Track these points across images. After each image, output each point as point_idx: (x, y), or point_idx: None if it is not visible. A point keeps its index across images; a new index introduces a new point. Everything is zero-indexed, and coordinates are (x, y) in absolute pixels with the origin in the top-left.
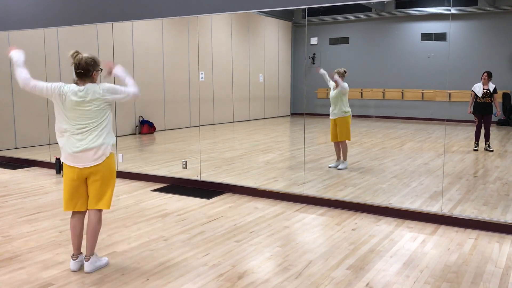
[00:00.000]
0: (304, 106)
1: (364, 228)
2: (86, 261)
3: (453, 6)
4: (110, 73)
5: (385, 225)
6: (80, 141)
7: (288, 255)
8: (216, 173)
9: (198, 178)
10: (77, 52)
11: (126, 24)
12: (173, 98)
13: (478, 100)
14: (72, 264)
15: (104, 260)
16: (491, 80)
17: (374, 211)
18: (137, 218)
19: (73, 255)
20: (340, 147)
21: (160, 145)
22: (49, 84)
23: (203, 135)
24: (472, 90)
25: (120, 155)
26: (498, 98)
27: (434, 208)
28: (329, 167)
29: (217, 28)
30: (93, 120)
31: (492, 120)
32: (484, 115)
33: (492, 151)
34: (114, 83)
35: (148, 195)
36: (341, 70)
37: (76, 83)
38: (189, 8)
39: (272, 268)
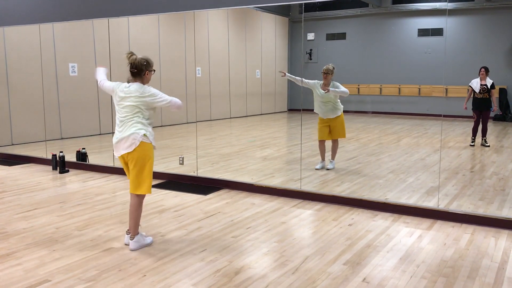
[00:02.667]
0: (301, 102)
1: (360, 224)
2: (131, 239)
3: (449, 2)
4: None
5: (382, 220)
6: (119, 132)
7: (285, 251)
8: (213, 169)
9: (195, 174)
10: (131, 53)
11: (122, 20)
12: (169, 94)
13: (476, 95)
14: (125, 238)
15: (149, 239)
16: (489, 75)
17: (371, 207)
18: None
19: (127, 230)
20: (331, 145)
21: (156, 141)
22: (112, 84)
23: (200, 131)
24: (470, 86)
25: None
26: (495, 94)
27: (430, 203)
28: (316, 169)
29: (214, 23)
30: (129, 114)
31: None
32: (482, 110)
33: (489, 146)
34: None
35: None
36: (331, 67)
37: (128, 82)
38: (186, 3)
39: (269, 263)
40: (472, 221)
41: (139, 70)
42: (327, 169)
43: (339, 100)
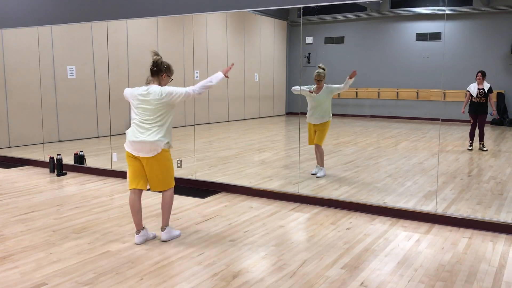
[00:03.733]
0: (299, 106)
1: (358, 227)
2: (162, 231)
3: (447, 6)
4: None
5: (380, 224)
6: (141, 133)
7: (283, 254)
8: (211, 172)
9: (193, 177)
10: (156, 54)
11: (121, 23)
12: None
13: (473, 100)
14: (136, 238)
15: (178, 232)
16: (486, 79)
17: (369, 210)
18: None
19: (136, 231)
20: (317, 152)
21: None
22: (131, 89)
23: (198, 134)
24: (468, 90)
25: (114, 154)
26: (493, 98)
27: (428, 207)
28: (312, 174)
29: (212, 27)
30: (152, 117)
31: (486, 119)
32: (479, 114)
33: (486, 150)
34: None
35: (142, 194)
36: (322, 73)
37: (147, 83)
38: (184, 7)
39: (266, 267)
40: (470, 225)
41: (158, 70)
42: (317, 177)
43: (330, 107)
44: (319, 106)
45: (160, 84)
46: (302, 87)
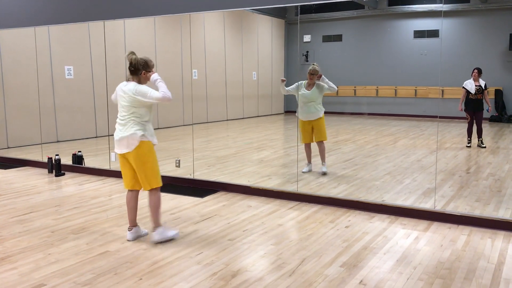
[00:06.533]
0: (297, 104)
1: (357, 225)
2: (153, 231)
3: (445, 3)
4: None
5: (379, 222)
6: (120, 131)
7: (282, 253)
8: (210, 172)
9: (191, 177)
10: (132, 53)
11: (118, 22)
12: None
13: (470, 96)
14: (128, 235)
15: (172, 232)
16: (483, 76)
17: (368, 208)
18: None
19: (128, 227)
20: (318, 149)
21: None
22: (116, 89)
23: (196, 134)
24: (464, 87)
25: (112, 154)
26: (490, 95)
27: (427, 204)
28: (303, 172)
29: (210, 25)
30: (127, 113)
31: (484, 116)
32: (476, 111)
33: (485, 147)
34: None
35: (140, 194)
36: (317, 68)
37: (128, 80)
38: (182, 6)
39: (265, 266)
40: (468, 222)
41: (136, 69)
42: (324, 174)
43: (321, 102)
44: (311, 102)
45: (140, 82)
46: (288, 88)
